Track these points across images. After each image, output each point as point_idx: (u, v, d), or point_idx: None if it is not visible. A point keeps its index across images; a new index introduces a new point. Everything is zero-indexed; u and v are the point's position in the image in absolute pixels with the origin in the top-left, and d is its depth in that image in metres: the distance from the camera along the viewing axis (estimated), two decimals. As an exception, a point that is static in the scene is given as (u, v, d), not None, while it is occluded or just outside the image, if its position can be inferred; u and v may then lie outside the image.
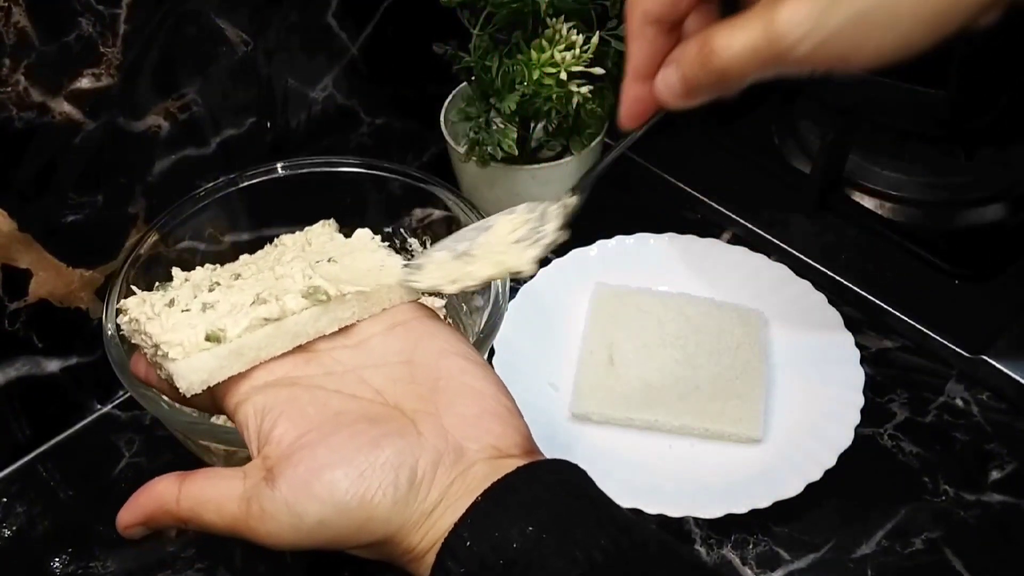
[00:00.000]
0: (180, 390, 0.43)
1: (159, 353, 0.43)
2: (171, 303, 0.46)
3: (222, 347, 0.42)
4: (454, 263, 0.46)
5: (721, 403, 0.63)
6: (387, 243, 0.50)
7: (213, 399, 0.44)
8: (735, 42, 0.37)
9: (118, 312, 0.49)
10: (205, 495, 0.40)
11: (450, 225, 0.61)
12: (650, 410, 0.64)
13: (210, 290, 0.46)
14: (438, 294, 0.48)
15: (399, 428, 0.40)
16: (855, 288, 0.70)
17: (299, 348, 0.44)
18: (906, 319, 0.68)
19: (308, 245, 0.51)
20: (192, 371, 0.42)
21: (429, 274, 0.46)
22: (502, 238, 0.46)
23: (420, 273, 0.46)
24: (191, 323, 0.44)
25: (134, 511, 0.42)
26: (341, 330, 0.44)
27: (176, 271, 0.50)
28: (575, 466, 0.40)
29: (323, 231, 0.52)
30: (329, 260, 0.48)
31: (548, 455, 0.59)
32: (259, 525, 0.38)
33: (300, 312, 0.43)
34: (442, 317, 0.65)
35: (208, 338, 0.42)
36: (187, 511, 0.40)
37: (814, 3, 0.35)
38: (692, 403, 0.64)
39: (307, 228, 0.52)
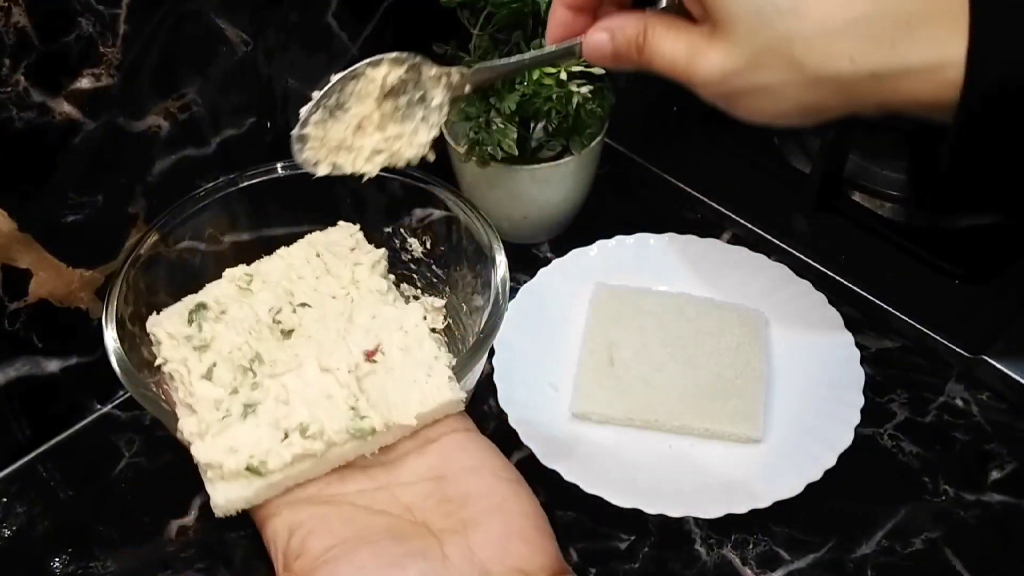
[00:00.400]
0: (213, 509, 0.43)
1: (195, 460, 0.43)
2: (209, 373, 0.46)
3: (262, 479, 0.42)
4: (347, 137, 0.46)
5: (721, 403, 0.63)
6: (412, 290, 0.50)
7: None
8: (663, 50, 0.43)
9: (146, 336, 0.49)
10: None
11: (450, 225, 0.61)
12: (650, 410, 0.64)
13: (250, 367, 0.46)
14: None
15: (424, 548, 0.39)
16: (855, 288, 0.70)
17: None
18: (906, 319, 0.68)
19: (355, 286, 0.50)
20: (227, 500, 0.42)
21: (322, 156, 0.46)
22: (375, 93, 0.46)
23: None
24: (229, 443, 0.43)
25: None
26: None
27: (210, 299, 0.50)
28: None
29: (368, 272, 0.51)
30: (375, 354, 0.46)
31: (548, 455, 0.59)
32: None
33: (343, 445, 0.43)
34: (442, 318, 0.65)
35: (249, 468, 0.42)
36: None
37: (726, 64, 0.41)
38: (692, 403, 0.64)
39: (332, 233, 0.52)
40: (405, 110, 0.45)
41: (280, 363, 0.46)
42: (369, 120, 0.46)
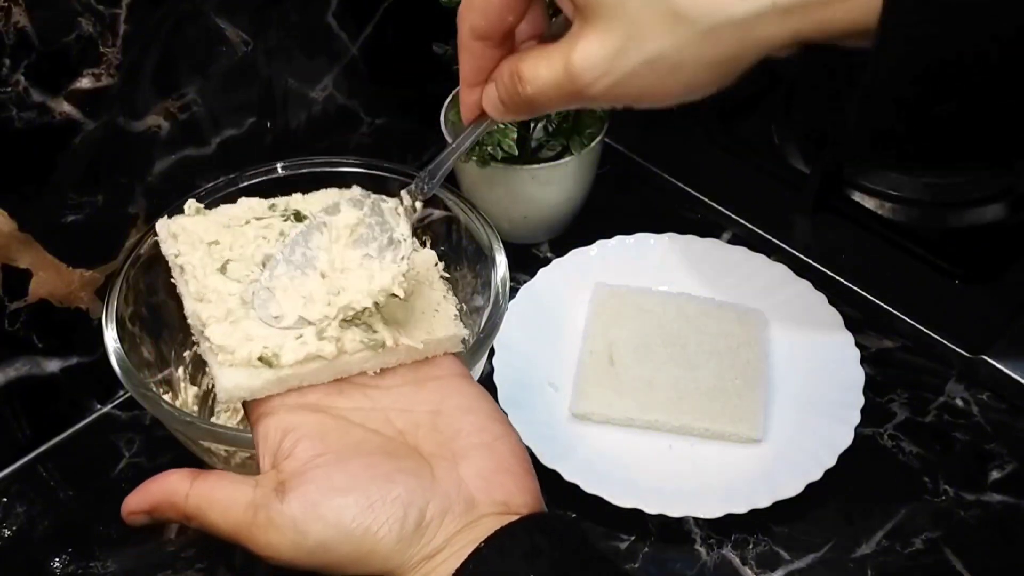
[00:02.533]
0: (218, 396, 0.43)
1: (205, 344, 0.44)
2: (223, 269, 0.46)
3: (270, 372, 0.42)
4: (317, 289, 0.45)
5: (721, 403, 0.63)
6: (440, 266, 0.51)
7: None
8: (540, 74, 0.39)
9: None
10: (214, 495, 0.40)
11: (450, 225, 0.61)
12: (650, 410, 0.64)
13: (264, 264, 0.46)
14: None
15: (415, 467, 0.40)
16: (855, 288, 0.70)
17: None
18: (906, 319, 0.68)
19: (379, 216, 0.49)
20: (234, 384, 0.42)
21: (290, 304, 0.44)
22: (343, 244, 0.45)
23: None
24: (246, 331, 0.43)
25: (142, 498, 0.42)
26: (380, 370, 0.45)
27: (228, 214, 0.50)
28: (575, 522, 0.41)
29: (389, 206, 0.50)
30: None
31: (548, 455, 0.59)
32: (262, 535, 0.39)
33: (353, 354, 0.43)
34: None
35: (261, 359, 0.42)
36: (193, 508, 0.40)
37: (604, 47, 0.36)
38: (692, 403, 0.64)
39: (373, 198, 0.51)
40: (378, 256, 0.45)
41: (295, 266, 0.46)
42: (336, 269, 0.45)
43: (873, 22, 0.32)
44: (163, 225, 0.50)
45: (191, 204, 0.51)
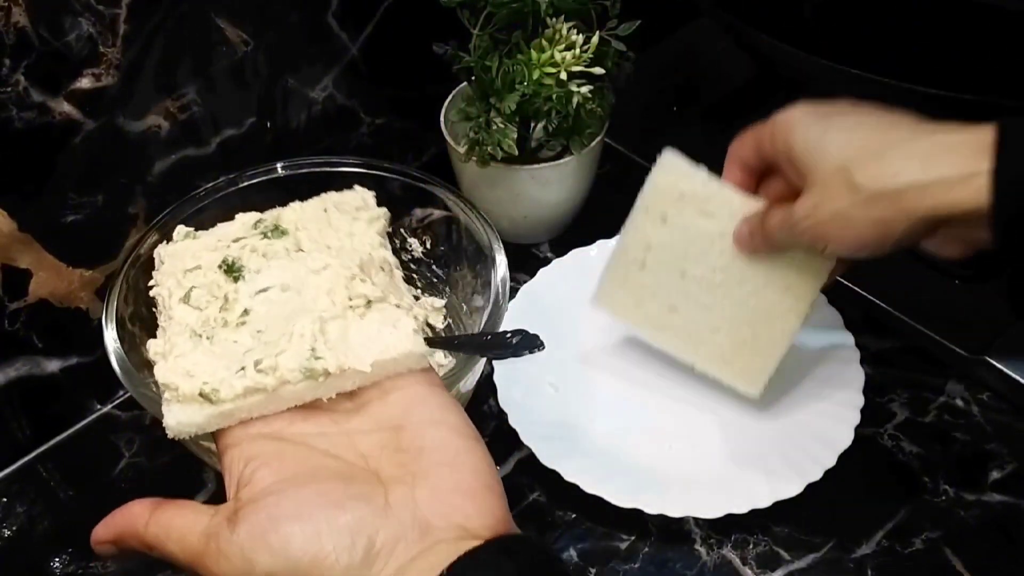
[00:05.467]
0: (166, 429, 0.43)
1: (155, 379, 0.44)
2: (187, 297, 0.46)
3: (213, 407, 0.42)
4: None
5: (735, 350, 0.61)
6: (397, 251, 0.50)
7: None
8: (773, 217, 0.55)
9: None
10: (172, 524, 0.40)
11: (450, 225, 0.61)
12: (661, 333, 0.62)
13: (224, 297, 0.46)
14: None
15: (367, 493, 0.39)
16: (855, 288, 0.70)
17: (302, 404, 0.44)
18: (906, 319, 0.68)
19: (350, 239, 0.49)
20: (179, 421, 0.42)
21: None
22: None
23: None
24: (188, 367, 0.43)
25: (107, 528, 0.42)
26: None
27: (218, 233, 0.50)
28: (540, 542, 0.42)
29: (369, 229, 0.51)
30: (350, 304, 0.46)
31: (548, 455, 0.59)
32: (214, 565, 0.38)
33: (296, 384, 0.43)
34: (442, 318, 0.65)
35: (201, 394, 0.42)
36: (152, 536, 0.40)
37: (810, 200, 0.52)
38: (704, 339, 0.61)
39: (347, 194, 0.52)
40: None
41: (255, 293, 0.46)
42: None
43: (983, 206, 0.46)
44: (157, 252, 0.50)
45: (180, 230, 0.50)
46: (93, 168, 0.60)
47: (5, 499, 0.62)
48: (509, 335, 0.49)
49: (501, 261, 0.56)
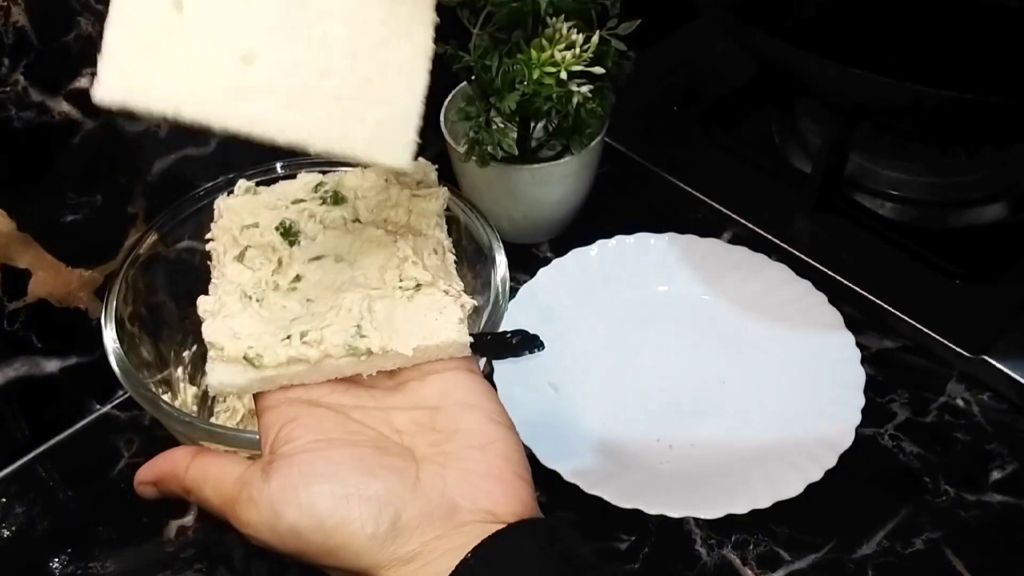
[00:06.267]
0: (208, 388, 0.44)
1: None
2: (241, 256, 0.47)
3: (256, 372, 0.42)
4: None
5: (355, 104, 0.42)
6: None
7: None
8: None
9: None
10: (209, 471, 0.42)
11: (450, 225, 0.61)
12: (235, 102, 0.39)
13: (274, 272, 0.46)
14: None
15: (400, 466, 0.40)
16: (855, 288, 0.70)
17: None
18: (906, 319, 0.68)
19: (409, 215, 0.49)
20: (222, 380, 0.43)
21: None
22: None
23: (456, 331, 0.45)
24: (235, 328, 0.43)
25: (150, 470, 0.44)
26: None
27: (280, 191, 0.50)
28: (566, 526, 0.40)
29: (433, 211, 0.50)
30: (400, 286, 0.46)
31: (548, 455, 0.59)
32: (243, 512, 0.39)
33: (338, 359, 0.43)
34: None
35: (245, 357, 0.43)
36: (191, 481, 0.42)
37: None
38: (315, 100, 0.41)
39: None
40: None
41: (308, 260, 0.46)
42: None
43: None
44: (217, 204, 0.50)
45: (241, 184, 0.51)
46: (92, 168, 0.59)
47: (4, 499, 0.62)
48: (509, 335, 0.49)
49: (501, 261, 0.56)
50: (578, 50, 0.63)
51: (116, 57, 0.37)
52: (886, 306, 0.69)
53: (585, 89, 0.65)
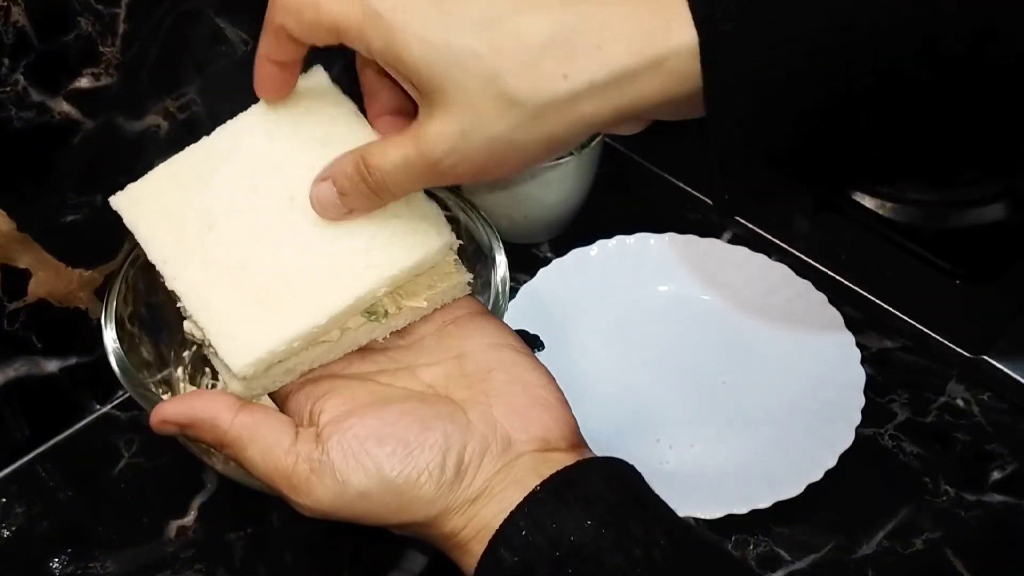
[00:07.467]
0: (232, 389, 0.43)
1: (210, 350, 0.43)
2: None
3: (278, 366, 0.42)
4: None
5: (253, 299, 0.43)
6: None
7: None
8: (389, 156, 0.40)
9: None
10: (259, 431, 0.39)
11: (450, 225, 0.61)
12: (184, 260, 0.45)
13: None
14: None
15: (450, 412, 0.40)
16: (855, 288, 0.70)
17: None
18: (906, 319, 0.68)
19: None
20: (245, 388, 0.42)
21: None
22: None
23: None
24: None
25: (181, 411, 0.41)
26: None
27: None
28: (630, 465, 0.40)
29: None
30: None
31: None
32: (302, 485, 0.38)
33: (358, 329, 0.43)
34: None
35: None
36: (234, 437, 0.40)
37: (451, 127, 0.37)
38: (225, 279, 0.43)
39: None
40: None
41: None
42: None
43: (688, 91, 0.36)
44: None
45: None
46: (92, 168, 0.59)
47: (4, 499, 0.62)
48: None
49: (501, 261, 0.56)
50: (578, 50, 0.63)
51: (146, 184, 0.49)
52: (886, 306, 0.69)
53: (585, 89, 0.64)
